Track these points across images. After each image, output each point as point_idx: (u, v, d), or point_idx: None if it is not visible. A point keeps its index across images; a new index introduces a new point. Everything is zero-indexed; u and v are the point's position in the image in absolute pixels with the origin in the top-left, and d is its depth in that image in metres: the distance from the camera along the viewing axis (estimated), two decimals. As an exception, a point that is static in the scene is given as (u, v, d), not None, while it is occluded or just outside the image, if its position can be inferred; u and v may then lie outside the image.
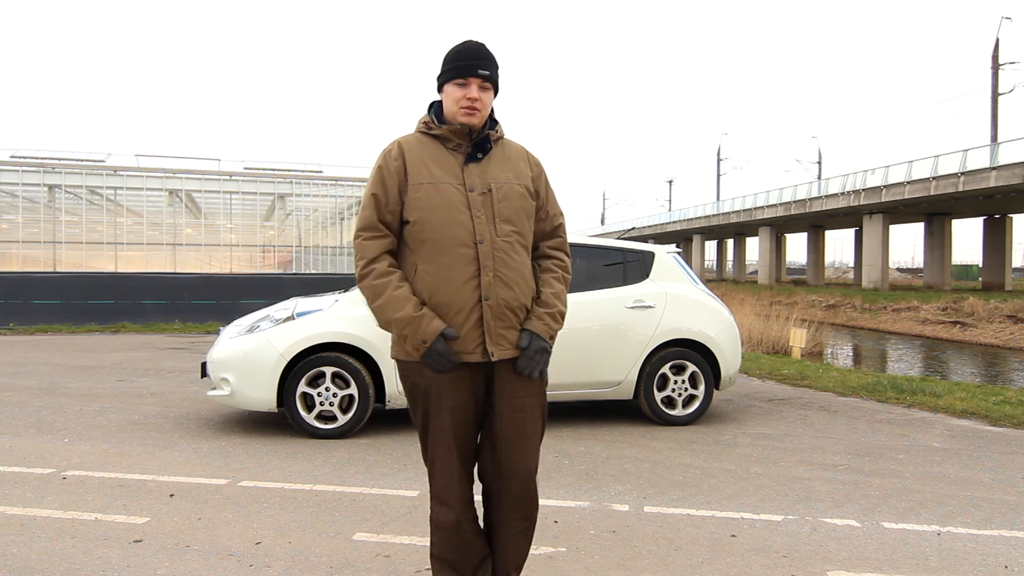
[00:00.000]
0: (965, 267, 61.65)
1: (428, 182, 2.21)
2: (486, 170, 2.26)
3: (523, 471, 2.29)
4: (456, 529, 2.30)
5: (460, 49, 2.25)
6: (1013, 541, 3.38)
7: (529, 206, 2.31)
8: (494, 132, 2.31)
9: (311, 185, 21.51)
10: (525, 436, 2.28)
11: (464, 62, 2.22)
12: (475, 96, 2.22)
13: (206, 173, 20.60)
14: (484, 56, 2.24)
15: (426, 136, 2.29)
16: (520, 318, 2.25)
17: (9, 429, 5.39)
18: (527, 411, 2.28)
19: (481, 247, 2.19)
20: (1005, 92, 35.43)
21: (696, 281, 6.21)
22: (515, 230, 2.26)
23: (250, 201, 21.78)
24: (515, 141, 2.42)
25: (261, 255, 23.50)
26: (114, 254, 20.17)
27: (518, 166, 2.33)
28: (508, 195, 2.26)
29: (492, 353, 2.20)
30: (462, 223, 2.19)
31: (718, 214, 55.47)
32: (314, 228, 26.00)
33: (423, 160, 2.24)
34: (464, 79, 2.22)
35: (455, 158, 2.25)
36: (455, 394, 2.23)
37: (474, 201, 2.21)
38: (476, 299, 2.18)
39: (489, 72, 2.24)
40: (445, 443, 2.26)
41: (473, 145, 2.26)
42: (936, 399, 6.77)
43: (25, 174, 19.06)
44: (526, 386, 2.27)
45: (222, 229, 23.23)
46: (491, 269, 2.19)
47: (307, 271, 22.12)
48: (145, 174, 20.09)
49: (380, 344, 5.27)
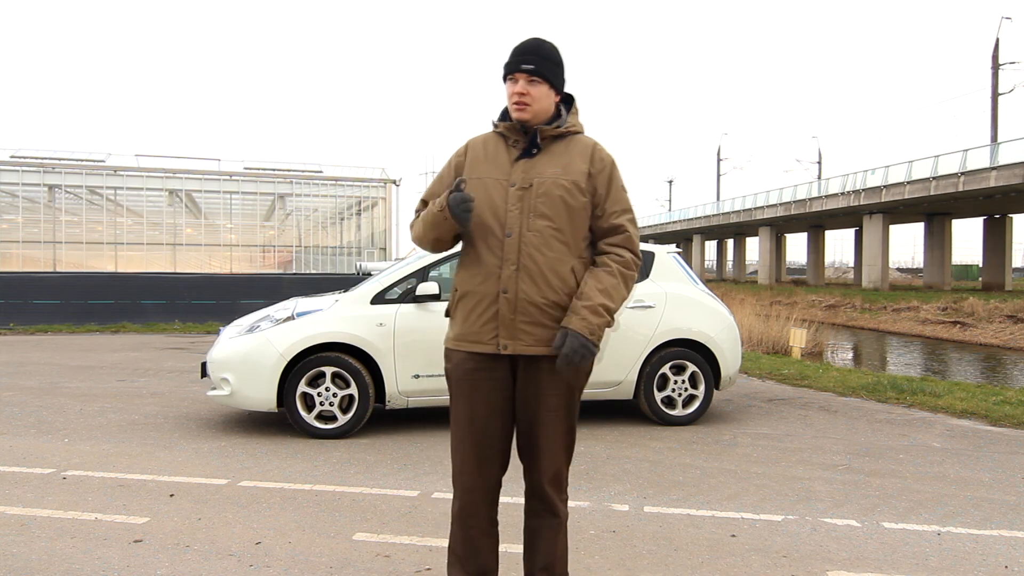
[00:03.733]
0: (965, 267, 61.65)
1: (476, 177, 2.27)
2: (534, 166, 2.25)
3: (549, 469, 2.28)
4: (462, 521, 2.29)
5: (514, 47, 2.28)
6: (1013, 541, 3.38)
7: (576, 201, 2.24)
8: (548, 128, 2.27)
9: (311, 185, 21.51)
10: (545, 435, 2.26)
11: (512, 58, 2.25)
12: (522, 91, 2.22)
13: (206, 173, 20.60)
14: (531, 51, 2.24)
15: (494, 134, 2.35)
16: (551, 315, 2.20)
17: (9, 429, 5.39)
18: (551, 410, 2.25)
19: (508, 240, 2.20)
20: (1005, 92, 35.47)
21: (696, 281, 6.21)
22: (551, 225, 2.22)
23: (250, 201, 21.79)
24: (588, 137, 2.35)
25: (261, 255, 23.49)
26: (114, 254, 20.16)
27: (572, 161, 2.27)
28: (548, 190, 2.22)
29: (505, 347, 2.19)
30: (497, 217, 2.22)
31: (718, 214, 55.48)
32: (314, 228, 25.99)
33: (481, 158, 2.31)
34: (513, 75, 2.24)
35: (511, 155, 2.28)
36: (474, 384, 2.23)
37: (512, 196, 2.23)
38: (495, 291, 2.20)
39: (534, 66, 2.22)
40: (460, 430, 2.27)
41: (529, 141, 2.27)
42: (936, 399, 6.77)
43: (25, 174, 19.07)
44: (551, 383, 2.24)
45: (222, 229, 23.23)
46: (514, 262, 2.19)
47: (307, 271, 22.11)
48: (145, 174, 20.09)
49: (380, 344, 5.27)
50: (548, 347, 2.20)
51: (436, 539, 3.28)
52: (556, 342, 2.18)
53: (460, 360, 2.27)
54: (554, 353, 2.18)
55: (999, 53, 35.33)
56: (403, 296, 5.45)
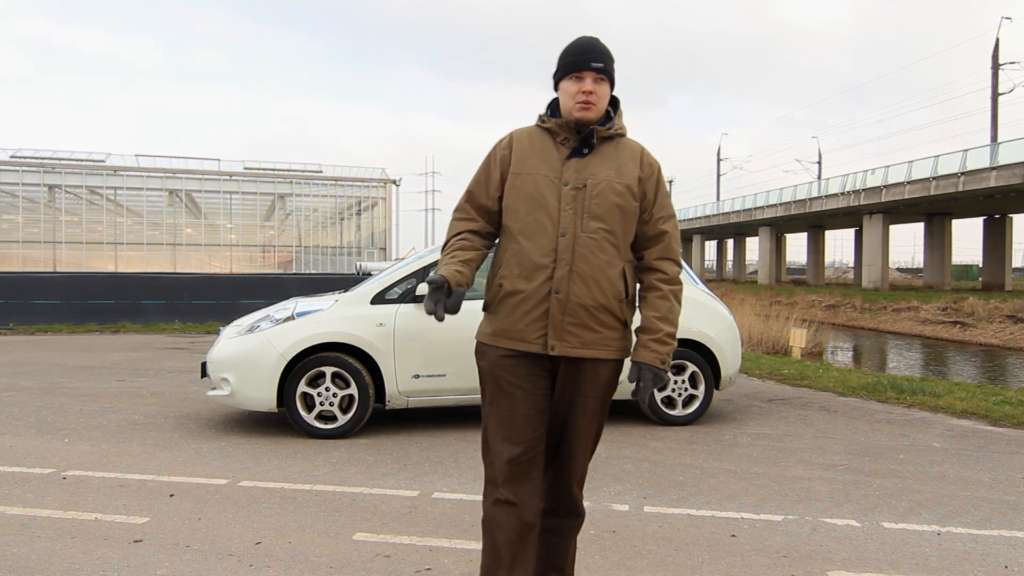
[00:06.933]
0: (965, 267, 61.66)
1: (526, 172, 2.23)
2: (587, 165, 2.22)
3: (580, 470, 2.29)
4: (497, 512, 2.20)
5: (575, 44, 2.25)
6: (1013, 541, 3.38)
7: (628, 205, 2.24)
8: (602, 128, 2.25)
9: (311, 185, 21.52)
10: (580, 438, 2.26)
11: (578, 56, 2.22)
12: (590, 89, 2.19)
13: (206, 173, 20.61)
14: (597, 50, 2.23)
15: (539, 129, 2.30)
16: (599, 318, 2.19)
17: (9, 429, 5.39)
18: (588, 412, 2.25)
19: (562, 240, 2.17)
20: (1005, 92, 35.47)
21: (696, 281, 6.20)
22: (604, 228, 2.20)
23: (250, 201, 21.80)
24: (634, 140, 2.35)
25: (261, 255, 23.51)
26: (114, 254, 20.17)
27: (624, 164, 2.26)
28: (603, 192, 2.20)
29: (553, 347, 2.17)
30: (549, 214, 2.19)
31: (718, 214, 55.48)
32: (314, 228, 26.01)
33: (528, 151, 2.26)
34: (579, 73, 2.21)
35: (560, 152, 2.24)
36: (515, 382, 2.19)
37: (565, 195, 2.19)
38: (547, 291, 2.16)
39: (603, 64, 2.21)
40: (501, 429, 2.21)
41: (580, 140, 2.24)
42: (936, 399, 6.77)
43: (25, 174, 19.08)
44: (592, 387, 2.23)
45: (222, 229, 23.24)
46: (568, 263, 2.16)
47: (307, 271, 22.12)
48: (145, 174, 20.11)
49: (380, 344, 5.27)
50: (592, 351, 2.20)
51: (436, 539, 3.29)
52: (631, 376, 2.22)
53: (499, 357, 2.22)
54: (587, 354, 2.19)
55: (999, 53, 35.33)
56: (403, 296, 5.45)
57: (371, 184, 21.61)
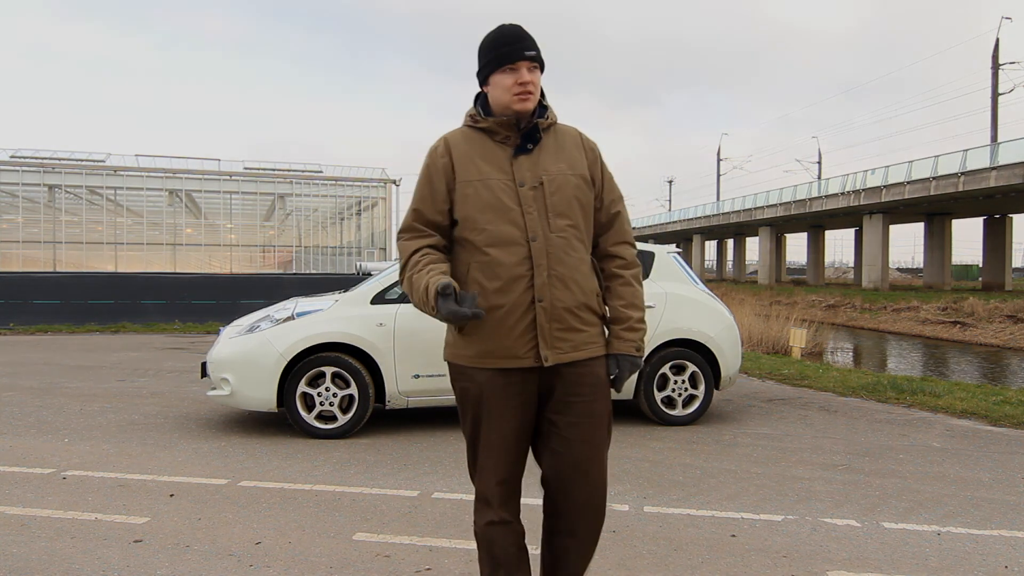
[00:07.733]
0: (965, 267, 61.64)
1: (476, 179, 2.10)
2: (537, 162, 2.12)
3: (596, 476, 2.21)
4: (492, 532, 2.16)
5: (500, 33, 2.12)
6: (1013, 541, 3.37)
7: (586, 197, 2.16)
8: (543, 120, 2.14)
9: (311, 185, 21.52)
10: (594, 441, 2.18)
11: (510, 47, 2.09)
12: (527, 79, 2.08)
13: (206, 173, 20.61)
14: (527, 37, 2.11)
15: (472, 130, 2.17)
16: (580, 317, 2.10)
17: (9, 429, 5.39)
18: (596, 415, 2.16)
19: (534, 245, 2.06)
20: (1005, 92, 35.46)
21: (696, 281, 6.21)
22: (570, 224, 2.11)
23: (250, 201, 21.80)
24: (568, 125, 2.25)
25: (261, 255, 23.52)
26: (114, 254, 20.18)
27: (572, 154, 2.17)
28: (561, 187, 2.11)
29: (546, 358, 2.06)
30: (513, 220, 2.06)
31: (718, 214, 55.47)
32: (314, 228, 26.02)
33: (470, 156, 2.12)
34: (513, 64, 2.08)
35: (503, 151, 2.12)
36: (506, 402, 2.09)
37: (525, 196, 2.08)
38: (529, 301, 2.05)
39: (535, 52, 2.10)
40: (495, 451, 2.12)
41: (522, 136, 2.12)
42: (936, 399, 6.77)
43: (25, 174, 19.08)
44: (594, 390, 2.14)
45: (222, 229, 23.25)
46: (545, 268, 2.05)
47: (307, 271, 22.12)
48: (145, 174, 20.11)
49: (380, 344, 5.27)
50: (584, 351, 2.12)
51: (436, 539, 3.29)
52: (610, 369, 2.17)
53: (487, 379, 2.09)
54: (577, 357, 2.11)
55: (999, 53, 35.33)
56: (403, 296, 5.45)
57: (371, 184, 21.61)
